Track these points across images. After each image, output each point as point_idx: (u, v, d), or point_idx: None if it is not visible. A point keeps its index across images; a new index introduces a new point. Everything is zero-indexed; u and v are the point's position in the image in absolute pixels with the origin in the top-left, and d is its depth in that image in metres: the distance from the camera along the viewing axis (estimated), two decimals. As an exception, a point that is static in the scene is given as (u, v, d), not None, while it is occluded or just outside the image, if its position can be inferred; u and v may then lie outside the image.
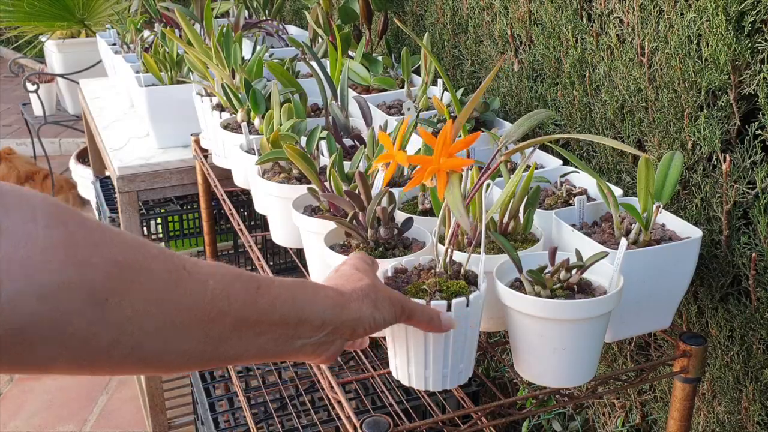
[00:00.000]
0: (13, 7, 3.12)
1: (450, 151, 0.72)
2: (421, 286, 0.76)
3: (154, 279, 0.48)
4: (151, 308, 0.48)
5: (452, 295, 0.74)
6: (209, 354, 0.53)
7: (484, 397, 1.67)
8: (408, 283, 0.78)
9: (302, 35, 2.04)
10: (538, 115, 0.82)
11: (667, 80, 1.01)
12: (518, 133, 0.81)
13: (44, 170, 3.84)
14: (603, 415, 1.33)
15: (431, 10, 1.62)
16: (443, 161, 0.72)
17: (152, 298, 0.48)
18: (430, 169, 0.72)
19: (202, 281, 0.52)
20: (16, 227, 0.42)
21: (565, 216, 0.92)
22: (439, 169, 0.72)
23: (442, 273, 0.78)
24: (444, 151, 0.72)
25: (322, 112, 1.37)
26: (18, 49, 4.74)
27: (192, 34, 1.45)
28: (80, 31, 3.37)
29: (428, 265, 0.81)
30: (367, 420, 0.75)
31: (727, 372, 1.03)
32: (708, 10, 0.91)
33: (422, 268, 0.81)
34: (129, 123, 1.95)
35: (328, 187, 0.98)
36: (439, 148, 0.72)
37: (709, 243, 0.99)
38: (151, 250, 0.49)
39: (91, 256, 0.44)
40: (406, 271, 0.81)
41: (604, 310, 0.76)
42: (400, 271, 0.81)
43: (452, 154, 0.73)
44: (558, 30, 1.21)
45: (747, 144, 0.92)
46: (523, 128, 0.81)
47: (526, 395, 0.85)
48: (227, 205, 1.42)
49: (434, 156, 0.73)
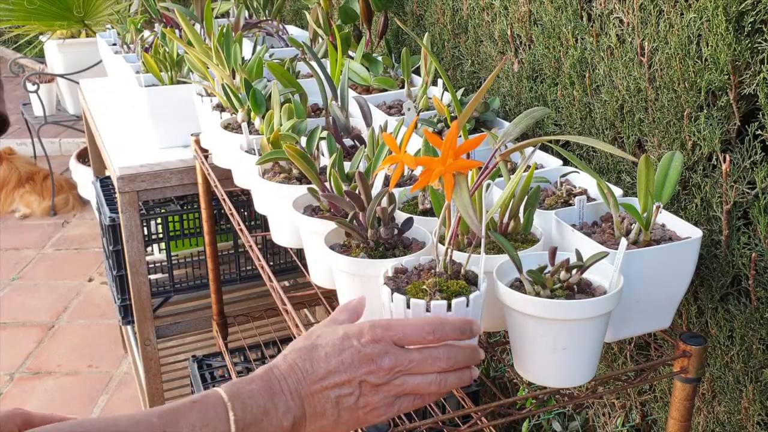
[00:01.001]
0: (13, 6, 3.13)
1: (456, 152, 0.72)
2: (420, 287, 0.76)
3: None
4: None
5: (452, 295, 0.74)
6: None
7: (484, 397, 1.67)
8: (408, 283, 0.78)
9: (302, 35, 2.04)
10: (535, 113, 0.82)
11: (667, 80, 1.01)
12: (516, 132, 0.81)
13: (44, 170, 3.85)
14: (603, 415, 1.33)
15: (431, 10, 1.62)
16: (450, 163, 0.72)
17: None
18: (437, 171, 0.72)
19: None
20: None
21: (565, 216, 0.92)
22: (446, 171, 0.72)
23: (442, 273, 0.78)
24: (451, 153, 0.72)
25: (323, 112, 1.37)
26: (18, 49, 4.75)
27: (192, 34, 1.45)
28: (80, 31, 3.37)
29: (428, 265, 0.81)
30: (368, 420, 0.75)
31: (727, 372, 1.03)
32: (708, 10, 0.91)
33: (422, 268, 0.81)
34: (129, 123, 1.95)
35: (328, 187, 0.98)
36: (446, 149, 0.72)
37: (709, 243, 0.99)
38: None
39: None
40: (406, 271, 0.81)
41: (604, 310, 0.76)
42: (400, 271, 0.81)
43: (458, 156, 0.72)
44: (558, 30, 1.21)
45: (747, 144, 0.92)
46: (520, 126, 0.81)
47: (526, 395, 0.85)
48: (227, 205, 1.42)
49: (441, 158, 0.72)
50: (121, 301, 1.92)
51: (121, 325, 2.26)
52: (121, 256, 1.85)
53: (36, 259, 3.38)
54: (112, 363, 2.62)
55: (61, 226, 3.72)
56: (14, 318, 2.91)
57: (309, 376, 0.68)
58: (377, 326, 0.69)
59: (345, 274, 0.87)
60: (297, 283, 2.21)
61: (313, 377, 0.68)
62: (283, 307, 1.04)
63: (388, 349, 0.68)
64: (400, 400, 0.71)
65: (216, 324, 1.89)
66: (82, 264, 3.33)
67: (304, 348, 0.70)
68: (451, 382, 0.71)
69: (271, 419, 0.66)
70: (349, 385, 0.68)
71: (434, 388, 0.70)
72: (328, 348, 0.69)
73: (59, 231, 3.67)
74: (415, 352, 0.69)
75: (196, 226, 1.90)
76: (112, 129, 1.94)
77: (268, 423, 0.66)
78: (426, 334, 0.69)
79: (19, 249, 3.48)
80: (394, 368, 0.68)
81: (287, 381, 0.68)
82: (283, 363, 0.69)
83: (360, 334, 0.69)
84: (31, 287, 3.14)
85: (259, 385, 0.67)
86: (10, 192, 3.79)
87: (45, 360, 2.65)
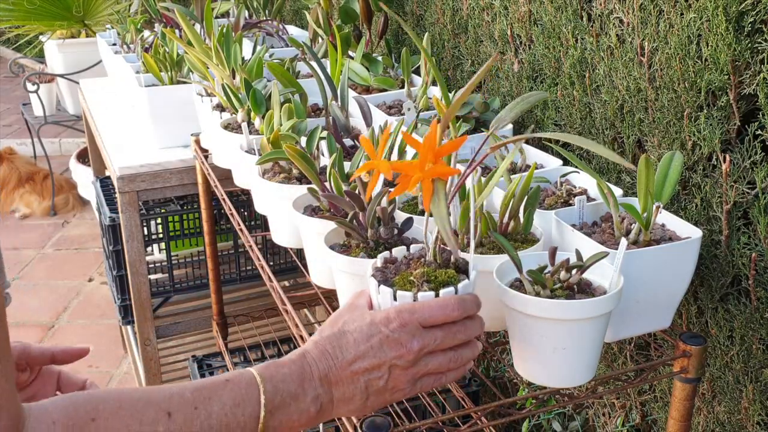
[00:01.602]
0: (13, 6, 3.13)
1: (436, 154, 0.69)
2: (408, 278, 0.74)
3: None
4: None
5: (440, 285, 0.73)
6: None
7: (484, 397, 1.67)
8: (396, 274, 0.76)
9: (302, 35, 2.04)
10: (530, 98, 0.79)
11: (667, 80, 1.01)
12: (510, 116, 0.77)
13: (44, 170, 3.85)
14: (603, 415, 1.33)
15: (431, 10, 1.62)
16: (428, 169, 0.69)
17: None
18: (415, 177, 0.69)
19: None
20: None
21: (565, 216, 0.92)
22: (424, 177, 0.69)
23: (431, 262, 0.76)
24: (430, 156, 0.69)
25: (322, 112, 1.37)
26: (18, 49, 4.75)
27: (192, 34, 1.45)
28: (80, 31, 3.37)
29: (418, 254, 0.79)
30: (367, 420, 0.75)
31: (727, 372, 1.03)
32: (708, 10, 0.91)
33: (412, 257, 0.79)
34: (129, 123, 1.95)
35: (328, 187, 0.98)
36: (424, 152, 0.69)
37: (709, 243, 0.99)
38: None
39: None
40: (395, 261, 0.80)
41: (604, 310, 0.76)
42: (389, 261, 0.79)
43: (439, 158, 0.69)
44: (558, 30, 1.21)
45: (747, 144, 0.92)
46: (515, 111, 0.78)
47: (526, 395, 0.85)
48: (227, 205, 1.42)
49: (419, 161, 0.69)
50: (121, 301, 1.92)
51: (121, 325, 2.26)
52: (121, 256, 1.85)
53: (36, 259, 3.38)
54: (112, 363, 2.62)
55: (61, 226, 3.72)
56: (14, 318, 2.91)
57: (339, 362, 0.69)
58: (403, 311, 0.70)
59: (345, 274, 0.87)
60: (297, 283, 2.21)
61: (343, 363, 0.69)
62: (283, 307, 1.04)
63: (416, 332, 0.70)
64: (422, 380, 0.72)
65: (216, 324, 1.89)
66: (82, 264, 3.33)
67: (332, 335, 0.71)
68: (466, 356, 0.73)
69: (299, 404, 0.68)
70: (378, 370, 0.69)
71: (453, 364, 0.72)
72: (356, 334, 0.70)
73: (59, 231, 3.67)
74: (438, 330, 0.71)
75: (196, 226, 1.90)
76: (112, 129, 1.94)
77: (296, 407, 0.67)
78: (451, 311, 0.70)
79: (19, 249, 3.48)
80: (423, 349, 0.70)
81: (318, 367, 0.69)
82: (314, 349, 0.70)
83: (387, 320, 0.70)
84: (31, 287, 3.14)
85: (291, 369, 0.68)
86: (10, 192, 3.79)
87: (45, 360, 2.64)
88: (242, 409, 0.65)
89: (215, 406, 0.64)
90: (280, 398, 0.67)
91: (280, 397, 0.67)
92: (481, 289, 0.77)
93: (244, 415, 0.65)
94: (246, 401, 0.65)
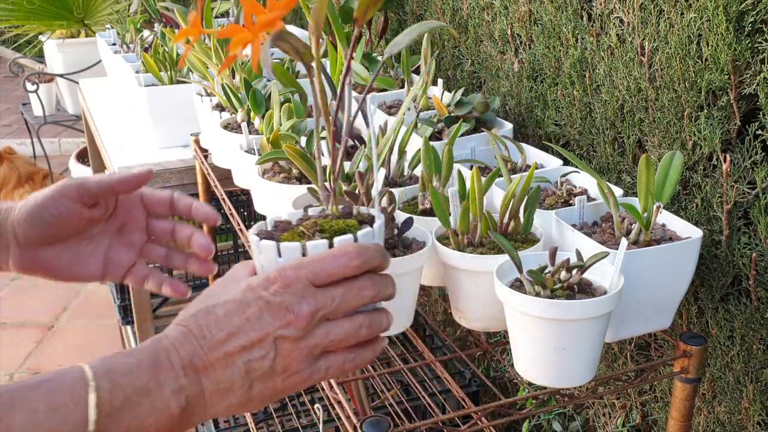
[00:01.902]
0: (13, 6, 3.13)
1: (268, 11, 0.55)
2: (297, 231, 0.61)
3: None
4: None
5: (335, 233, 0.59)
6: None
7: (484, 397, 1.67)
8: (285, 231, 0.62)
9: (302, 35, 2.04)
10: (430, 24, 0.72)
11: (668, 80, 1.01)
12: (406, 41, 0.67)
13: (44, 170, 3.85)
14: (603, 415, 1.33)
15: (431, 10, 1.62)
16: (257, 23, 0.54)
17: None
18: (239, 37, 0.55)
19: None
20: None
21: (565, 216, 0.92)
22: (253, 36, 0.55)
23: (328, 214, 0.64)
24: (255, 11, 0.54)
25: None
26: (18, 49, 4.74)
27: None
28: (80, 31, 3.37)
29: (318, 215, 0.66)
30: (367, 420, 0.75)
31: (727, 372, 1.03)
32: (708, 10, 0.91)
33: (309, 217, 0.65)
34: (129, 123, 1.95)
35: (328, 187, 0.98)
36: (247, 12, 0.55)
37: (710, 243, 0.99)
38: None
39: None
40: (289, 223, 0.65)
41: (605, 311, 0.76)
42: (280, 223, 0.65)
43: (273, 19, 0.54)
44: (558, 30, 1.21)
45: (747, 144, 0.92)
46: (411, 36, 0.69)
47: (526, 395, 0.85)
48: (227, 205, 1.42)
49: (245, 24, 0.55)
50: (120, 302, 1.92)
51: (120, 325, 2.25)
52: (120, 256, 1.85)
53: (36, 259, 3.38)
54: (112, 363, 2.62)
55: (60, 226, 3.72)
56: (14, 318, 2.91)
57: (208, 342, 0.54)
58: (286, 268, 0.56)
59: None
60: (297, 283, 2.21)
61: (212, 343, 0.54)
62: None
63: (305, 292, 0.55)
64: (328, 359, 0.57)
65: (216, 324, 1.89)
66: (82, 264, 3.32)
67: (198, 311, 0.56)
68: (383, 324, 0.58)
69: (153, 400, 0.53)
70: (260, 346, 0.54)
71: (364, 333, 0.57)
72: (229, 305, 0.55)
73: (59, 231, 3.66)
74: (336, 288, 0.56)
75: (195, 225, 1.90)
76: (112, 129, 1.93)
77: (149, 406, 0.53)
78: (348, 261, 0.55)
79: (18, 249, 3.48)
80: (316, 312, 0.55)
81: (179, 352, 0.54)
82: (173, 331, 0.56)
83: (267, 282, 0.55)
84: (30, 287, 3.14)
85: (140, 358, 0.54)
86: (9, 192, 3.79)
87: (44, 360, 2.65)
88: (62, 416, 0.50)
89: (20, 415, 0.49)
90: (122, 396, 0.52)
91: (122, 394, 0.52)
92: (482, 289, 0.77)
93: (66, 423, 0.50)
94: (68, 404, 0.50)
